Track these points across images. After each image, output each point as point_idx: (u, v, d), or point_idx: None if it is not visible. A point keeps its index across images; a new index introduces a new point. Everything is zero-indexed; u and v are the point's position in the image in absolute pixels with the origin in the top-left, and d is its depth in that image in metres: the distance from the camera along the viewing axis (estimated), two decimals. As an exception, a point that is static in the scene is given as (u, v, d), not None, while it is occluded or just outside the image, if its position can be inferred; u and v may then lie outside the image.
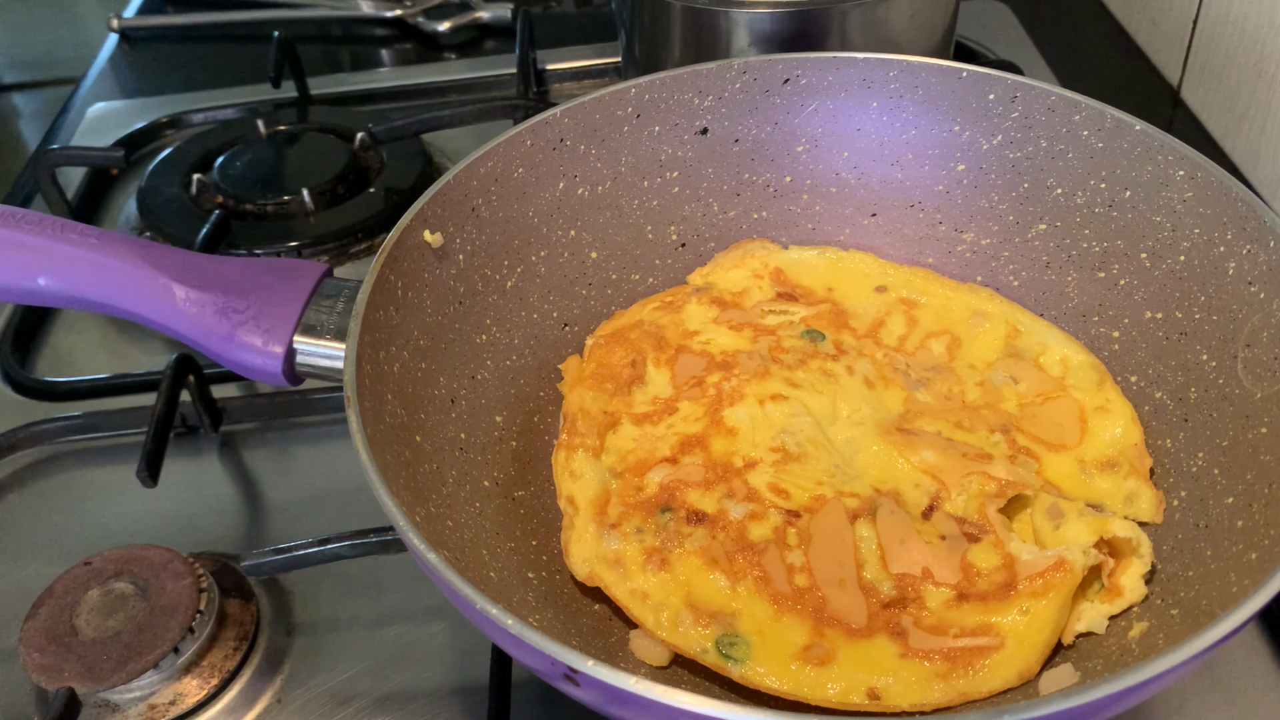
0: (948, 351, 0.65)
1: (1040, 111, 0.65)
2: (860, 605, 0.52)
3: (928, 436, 0.59)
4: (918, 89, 0.68)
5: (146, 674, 0.57)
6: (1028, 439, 0.59)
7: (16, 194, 0.99)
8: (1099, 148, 0.64)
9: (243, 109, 1.06)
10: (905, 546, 0.53)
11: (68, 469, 0.73)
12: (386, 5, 1.21)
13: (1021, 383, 0.62)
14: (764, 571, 0.53)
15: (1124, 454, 0.58)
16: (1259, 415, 0.53)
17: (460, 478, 0.57)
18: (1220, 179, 0.58)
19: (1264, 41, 0.83)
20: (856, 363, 0.64)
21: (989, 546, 0.53)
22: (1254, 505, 0.51)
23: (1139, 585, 0.52)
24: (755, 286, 0.69)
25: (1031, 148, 0.66)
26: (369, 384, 0.52)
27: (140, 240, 0.58)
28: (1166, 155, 0.60)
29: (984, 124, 0.67)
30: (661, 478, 0.58)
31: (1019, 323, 0.65)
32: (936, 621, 0.51)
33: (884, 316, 0.67)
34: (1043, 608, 0.51)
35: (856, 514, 0.55)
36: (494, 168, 0.64)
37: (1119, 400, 0.60)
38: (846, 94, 0.70)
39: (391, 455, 0.51)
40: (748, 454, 0.58)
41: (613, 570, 0.54)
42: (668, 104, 0.69)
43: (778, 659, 0.50)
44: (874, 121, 0.70)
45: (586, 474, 0.58)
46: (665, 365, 0.64)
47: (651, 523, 0.56)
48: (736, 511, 0.56)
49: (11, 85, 1.79)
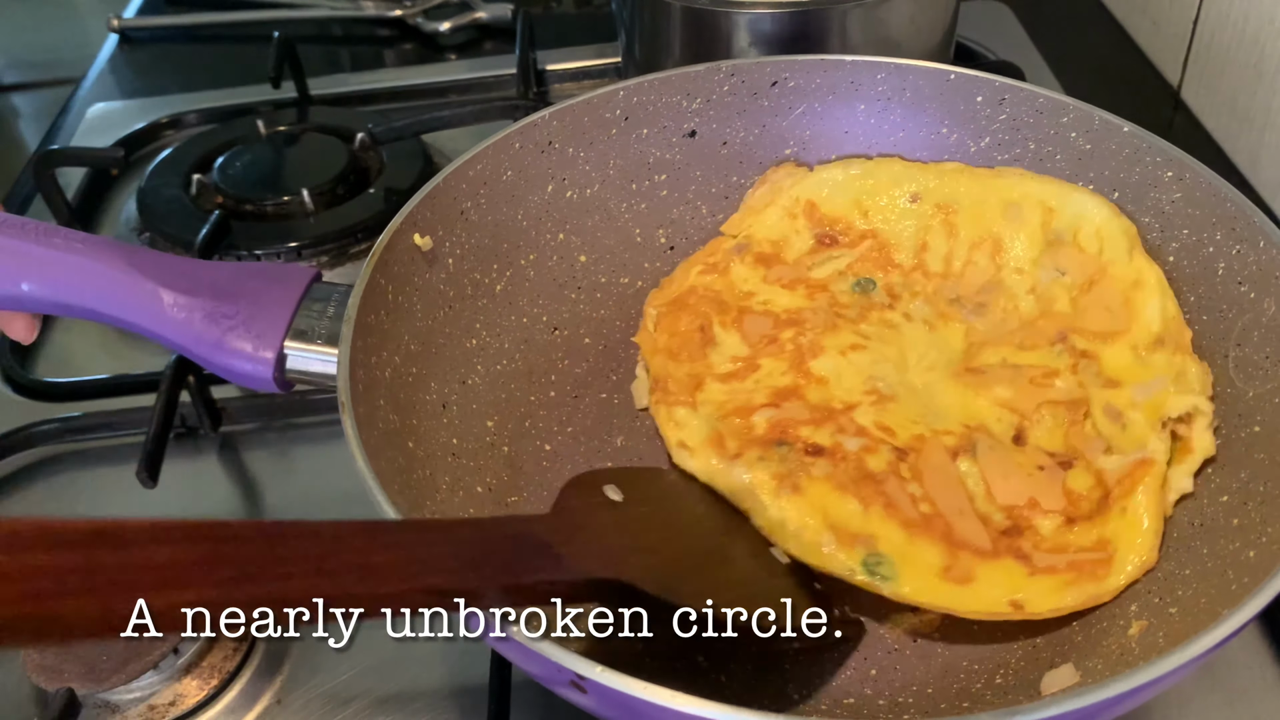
0: (992, 260, 0.65)
1: (1028, 114, 0.65)
2: (982, 532, 0.54)
3: (995, 371, 0.60)
4: (905, 91, 0.68)
5: (146, 674, 0.57)
6: (1085, 339, 0.60)
7: (16, 194, 0.99)
8: (1087, 149, 0.64)
9: (243, 109, 1.05)
10: (1009, 481, 0.55)
11: (68, 469, 0.73)
12: (387, 5, 1.21)
13: (1068, 273, 0.62)
14: (890, 499, 0.54)
15: (1167, 329, 0.59)
16: (1251, 414, 0.54)
17: (453, 484, 0.57)
18: (1209, 180, 0.58)
19: (1264, 41, 0.83)
20: (912, 305, 0.65)
21: (1081, 471, 0.56)
22: (1249, 503, 0.51)
23: (1207, 439, 0.55)
24: (793, 232, 0.68)
25: (1020, 150, 0.66)
26: (362, 390, 0.52)
27: (127, 245, 0.57)
28: (1155, 157, 0.61)
29: (972, 126, 0.67)
30: (769, 416, 0.58)
31: (1050, 199, 0.64)
32: (1054, 545, 0.53)
33: (924, 237, 0.66)
34: (1136, 503, 0.53)
35: (956, 451, 0.56)
36: (483, 170, 0.63)
37: (1149, 268, 0.60)
38: (834, 96, 0.69)
39: (386, 461, 0.51)
40: (844, 398, 0.59)
41: (748, 501, 0.55)
42: (656, 106, 0.69)
43: (922, 577, 0.52)
44: (862, 124, 0.70)
45: (691, 422, 0.59)
46: (732, 327, 0.64)
47: (773, 453, 0.56)
48: (851, 444, 0.56)
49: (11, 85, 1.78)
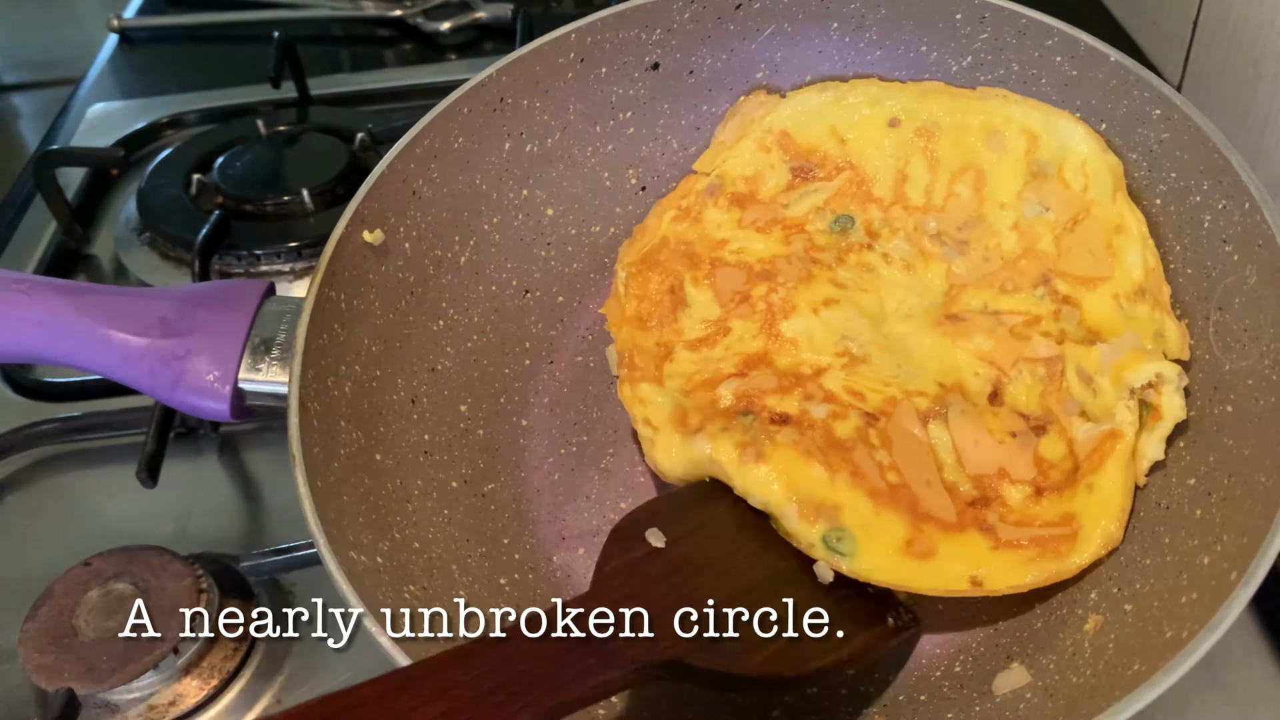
0: (975, 193, 0.62)
1: (1010, 34, 0.62)
2: (948, 504, 0.53)
3: (976, 319, 0.59)
4: (880, 8, 0.65)
5: (146, 675, 0.57)
6: (1067, 284, 0.59)
7: (16, 194, 0.98)
8: (1073, 75, 0.61)
9: (243, 109, 1.05)
10: (980, 448, 0.55)
11: (68, 469, 0.73)
12: (387, 5, 1.21)
13: (1051, 209, 0.60)
14: (856, 467, 0.53)
15: (1148, 280, 0.57)
16: (1226, 390, 0.53)
17: (426, 486, 0.57)
18: (1199, 124, 0.55)
19: (1264, 41, 0.83)
20: (891, 244, 0.62)
21: (1055, 437, 0.55)
22: (1213, 495, 0.50)
23: (1176, 403, 0.53)
24: (767, 167, 0.65)
25: (1003, 71, 0.63)
26: (317, 423, 0.51)
27: (71, 285, 0.56)
28: (1143, 91, 0.58)
29: (952, 45, 0.64)
30: (734, 388, 0.57)
31: (1035, 124, 0.61)
32: (1020, 517, 0.53)
33: (904, 167, 0.63)
34: (1104, 478, 0.53)
35: (928, 416, 0.56)
36: (431, 145, 0.61)
37: (1130, 214, 0.58)
38: (804, 15, 0.66)
39: (349, 493, 0.51)
40: (814, 362, 0.58)
41: (710, 471, 0.54)
42: (612, 44, 0.65)
43: (883, 553, 0.51)
44: (835, 44, 0.66)
45: (656, 399, 0.57)
46: (704, 283, 0.62)
47: (737, 423, 0.55)
48: (819, 411, 0.55)
49: (11, 85, 1.79)
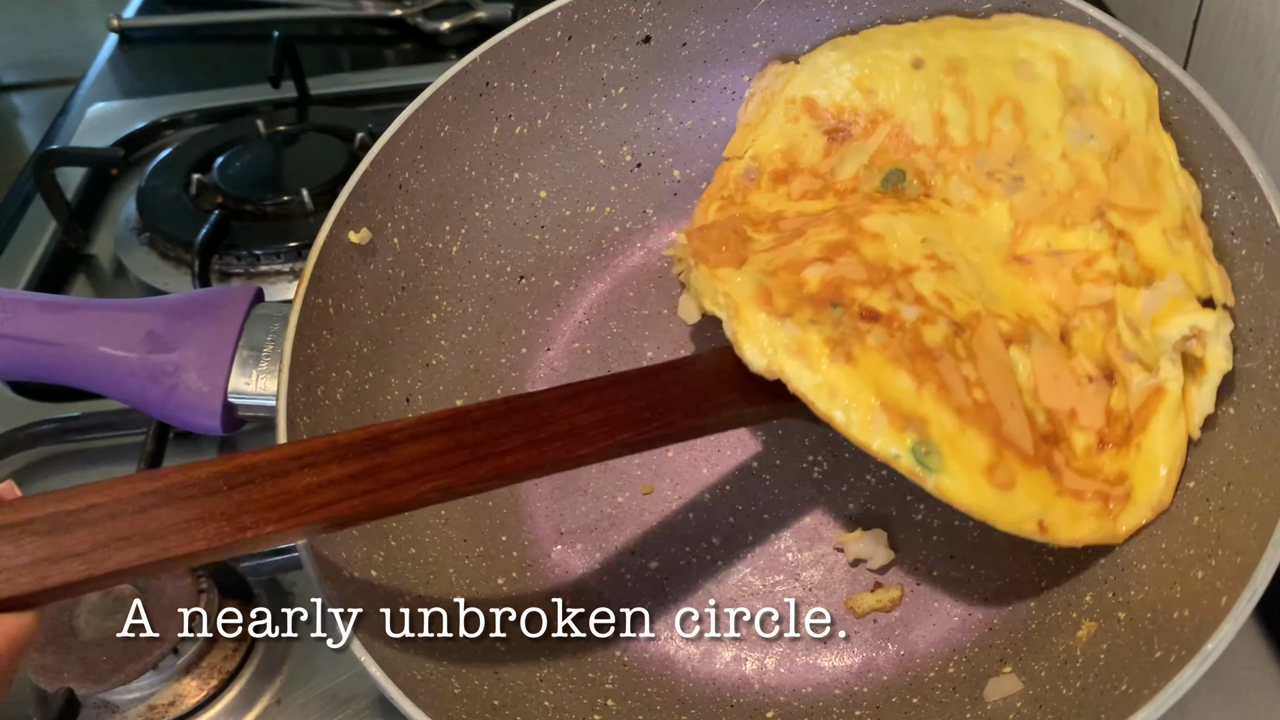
0: (1017, 125, 0.59)
1: (1015, 3, 0.60)
2: (1028, 432, 0.51)
3: (1041, 262, 0.57)
4: None
5: (146, 675, 0.58)
6: (1121, 217, 0.56)
7: (16, 194, 0.98)
8: None
9: (243, 109, 1.05)
10: (1059, 383, 0.53)
11: (68, 470, 0.73)
12: (387, 5, 1.21)
13: (1095, 136, 0.58)
14: (944, 381, 0.50)
15: (1189, 214, 0.55)
16: (1227, 391, 0.52)
17: None
18: (1208, 109, 0.54)
19: (1264, 41, 0.83)
20: (949, 188, 0.60)
21: (1121, 390, 0.54)
22: (1211, 502, 0.50)
23: (1218, 353, 0.51)
24: (800, 136, 0.62)
25: None
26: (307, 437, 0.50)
27: (57, 301, 0.56)
28: (1153, 70, 0.57)
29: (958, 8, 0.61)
30: (822, 274, 0.53)
31: (1063, 47, 0.59)
32: (1083, 465, 0.52)
33: (939, 108, 0.60)
34: (1148, 438, 0.52)
35: (1010, 339, 0.53)
36: (416, 136, 0.60)
37: (1162, 143, 0.56)
38: None
39: None
40: (903, 259, 0.54)
41: (795, 360, 0.50)
42: (601, 19, 0.63)
43: (968, 473, 0.49)
44: (835, 9, 0.64)
45: (737, 278, 0.53)
46: (768, 230, 0.59)
47: (825, 315, 0.51)
48: (909, 313, 0.52)
49: (11, 85, 1.79)
